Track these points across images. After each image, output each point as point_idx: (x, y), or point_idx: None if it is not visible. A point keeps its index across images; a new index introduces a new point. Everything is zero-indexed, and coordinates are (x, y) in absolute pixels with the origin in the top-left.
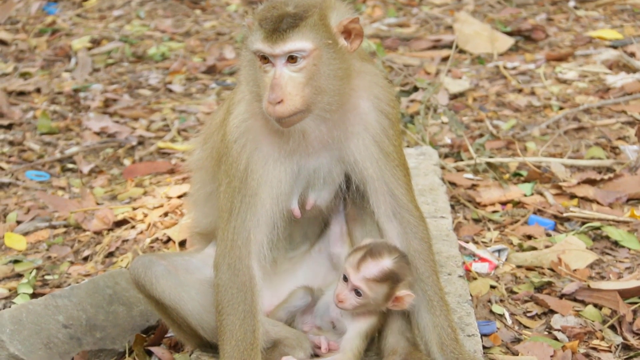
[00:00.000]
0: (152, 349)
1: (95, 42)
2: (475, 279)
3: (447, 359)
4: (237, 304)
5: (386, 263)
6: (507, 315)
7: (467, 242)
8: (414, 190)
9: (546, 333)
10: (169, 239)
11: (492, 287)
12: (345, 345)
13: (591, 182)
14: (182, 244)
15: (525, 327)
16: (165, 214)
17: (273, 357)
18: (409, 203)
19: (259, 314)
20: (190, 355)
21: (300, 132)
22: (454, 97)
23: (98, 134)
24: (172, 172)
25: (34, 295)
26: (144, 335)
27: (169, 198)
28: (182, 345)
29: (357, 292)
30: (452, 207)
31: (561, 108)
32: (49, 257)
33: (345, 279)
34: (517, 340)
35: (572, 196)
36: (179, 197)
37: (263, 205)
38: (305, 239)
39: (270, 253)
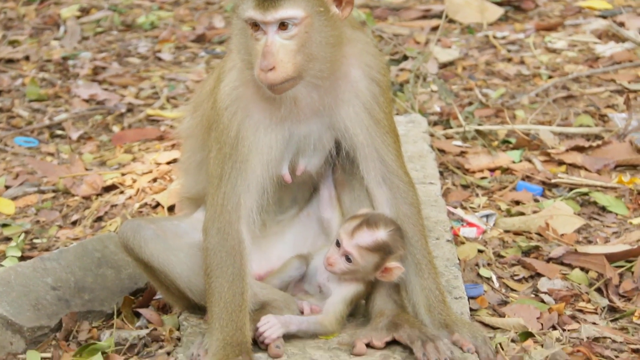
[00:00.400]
0: (140, 310)
1: (84, 11)
2: (463, 243)
3: (434, 320)
4: (226, 267)
5: (381, 234)
6: (494, 278)
7: (455, 207)
8: (404, 157)
9: (533, 296)
10: (157, 204)
11: (480, 251)
12: (329, 308)
13: (579, 149)
14: (171, 209)
15: (512, 289)
16: (154, 180)
17: (260, 319)
18: (399, 169)
19: (248, 276)
20: (178, 317)
21: (291, 99)
22: (443, 66)
23: (87, 101)
24: (161, 138)
25: (22, 259)
26: (133, 298)
27: (158, 164)
28: (170, 307)
29: (348, 258)
30: (441, 173)
31: (550, 77)
32: (38, 222)
33: (338, 244)
34: (504, 303)
35: (561, 163)
36: (168, 163)
37: (253, 171)
38: (294, 203)
39: (259, 217)
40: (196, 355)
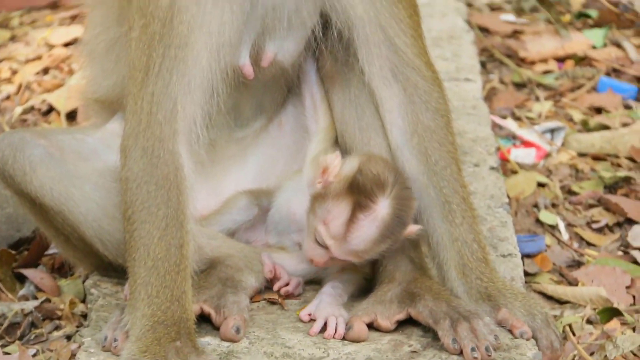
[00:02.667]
0: (25, 271)
1: None
2: (515, 172)
3: (470, 289)
4: (156, 206)
5: (383, 212)
6: (562, 226)
7: (504, 117)
8: (425, 38)
9: (620, 254)
10: (51, 109)
11: (541, 184)
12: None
13: None
14: (72, 116)
15: (590, 244)
16: (45, 71)
17: (210, 284)
18: (417, 58)
19: (189, 221)
20: (83, 283)
21: None
22: None
23: None
24: (54, 6)
25: None
26: (13, 252)
27: (51, 47)
28: (72, 267)
29: None
30: (483, 64)
31: None
32: None
33: (319, 242)
34: (577, 264)
35: None
36: (66, 45)
37: (197, 60)
38: (259, 111)
39: (206, 133)
40: (111, 339)
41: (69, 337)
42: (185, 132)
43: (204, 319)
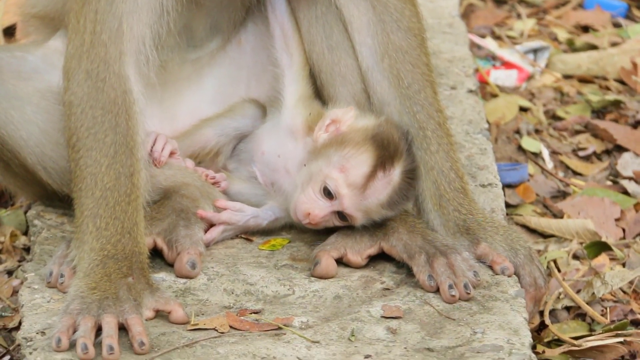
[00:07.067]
0: None
1: None
2: (495, 96)
3: (447, 221)
4: (103, 132)
5: (396, 178)
6: (546, 154)
7: (483, 36)
8: None
9: (609, 183)
10: None
11: (523, 109)
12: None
13: None
14: (10, 32)
15: (576, 173)
16: None
17: (163, 214)
18: None
19: (139, 148)
20: (25, 213)
21: None
22: None
23: None
24: None
25: None
26: None
27: None
28: (12, 197)
29: (343, 216)
30: None
31: None
32: None
33: (329, 193)
34: (562, 195)
35: None
36: None
37: None
38: (214, 31)
39: (155, 54)
40: (57, 275)
41: (10, 273)
42: (132, 53)
43: (158, 254)
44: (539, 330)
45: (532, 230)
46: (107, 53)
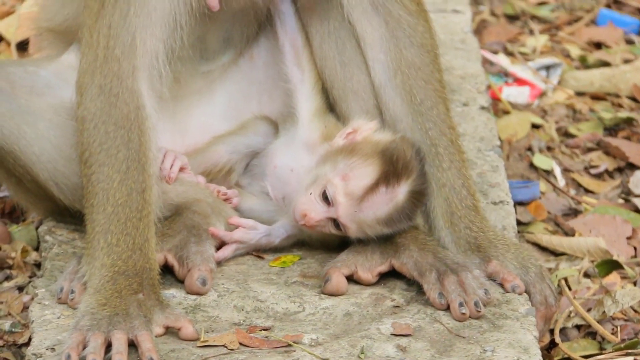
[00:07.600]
0: None
1: None
2: (507, 113)
3: (459, 238)
4: (116, 148)
5: (400, 197)
6: (557, 171)
7: (495, 52)
8: None
9: (621, 201)
10: (0, 39)
11: (535, 126)
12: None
13: None
14: (23, 46)
15: (588, 191)
16: None
17: (175, 230)
18: None
19: (152, 164)
20: (37, 228)
21: None
22: None
23: None
24: None
25: None
26: None
27: None
28: (24, 212)
29: (338, 225)
30: None
31: None
32: None
33: (327, 198)
34: (574, 213)
35: None
36: None
37: None
38: (227, 45)
39: (168, 69)
40: (68, 291)
41: (20, 288)
42: (145, 68)
43: (168, 270)
44: (549, 349)
45: (543, 248)
46: (120, 68)
